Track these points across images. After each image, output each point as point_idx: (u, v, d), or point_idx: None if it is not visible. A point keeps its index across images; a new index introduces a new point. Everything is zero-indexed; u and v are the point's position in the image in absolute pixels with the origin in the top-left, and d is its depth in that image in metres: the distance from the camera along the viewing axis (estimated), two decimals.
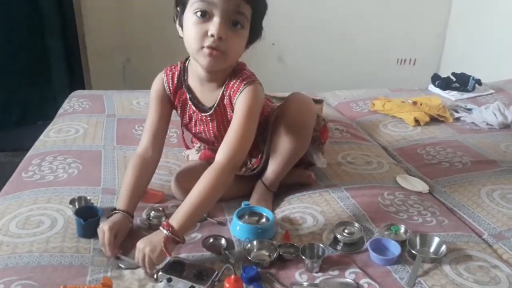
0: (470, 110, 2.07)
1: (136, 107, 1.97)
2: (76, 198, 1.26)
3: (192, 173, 1.30)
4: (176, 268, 1.01)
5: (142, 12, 3.08)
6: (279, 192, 1.37)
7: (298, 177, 1.42)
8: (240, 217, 1.20)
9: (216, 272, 1.01)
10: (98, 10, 3.00)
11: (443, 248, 1.09)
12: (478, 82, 2.33)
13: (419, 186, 1.43)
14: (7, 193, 1.32)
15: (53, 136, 1.68)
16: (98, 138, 1.67)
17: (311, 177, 1.43)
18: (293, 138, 1.27)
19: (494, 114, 1.95)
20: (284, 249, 1.11)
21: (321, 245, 1.09)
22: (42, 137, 1.69)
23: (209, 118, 1.25)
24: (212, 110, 1.23)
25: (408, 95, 2.24)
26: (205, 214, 1.22)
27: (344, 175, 1.48)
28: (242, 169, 1.35)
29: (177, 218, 1.05)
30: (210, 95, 1.23)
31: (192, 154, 1.48)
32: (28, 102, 2.90)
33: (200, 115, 1.26)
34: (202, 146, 1.44)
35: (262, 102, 1.23)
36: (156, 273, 1.00)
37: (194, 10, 1.09)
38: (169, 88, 1.26)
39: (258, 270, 1.03)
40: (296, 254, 1.08)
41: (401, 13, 3.36)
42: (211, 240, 1.15)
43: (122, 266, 1.05)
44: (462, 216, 1.31)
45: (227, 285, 0.94)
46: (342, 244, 1.13)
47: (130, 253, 1.08)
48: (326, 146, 1.51)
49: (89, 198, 1.27)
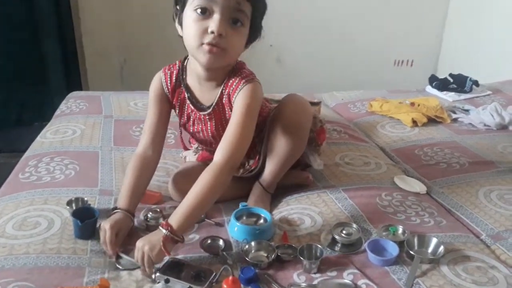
0: (467, 111, 2.08)
1: (133, 108, 1.97)
2: (73, 199, 1.25)
3: (189, 174, 1.29)
4: (174, 269, 1.01)
5: (139, 13, 3.07)
6: (277, 193, 1.37)
7: (295, 178, 1.41)
8: (238, 218, 1.20)
9: (214, 273, 1.01)
10: (95, 11, 3.00)
11: (441, 249, 1.09)
12: (475, 83, 2.34)
13: (417, 187, 1.43)
14: (4, 194, 1.32)
15: (50, 137, 1.68)
16: (95, 139, 1.66)
17: (309, 178, 1.42)
18: (289, 139, 1.27)
19: (492, 115, 1.95)
20: (282, 250, 1.10)
21: (319, 246, 1.09)
22: (39, 138, 1.69)
23: (207, 117, 1.24)
24: (210, 109, 1.23)
25: (405, 96, 2.24)
26: (203, 215, 1.22)
27: (342, 176, 1.48)
28: (240, 170, 1.35)
29: (176, 217, 1.05)
30: (208, 94, 1.23)
31: (189, 156, 1.48)
32: (25, 103, 2.89)
33: (198, 114, 1.25)
34: (200, 148, 1.44)
35: (261, 100, 1.22)
36: (154, 273, 1.00)
37: (194, 7, 1.09)
38: (167, 87, 1.26)
39: (256, 271, 1.03)
40: (294, 255, 1.08)
41: (398, 14, 3.37)
42: (209, 241, 1.15)
43: (120, 267, 1.05)
44: (460, 217, 1.31)
45: (225, 286, 0.94)
46: (340, 245, 1.13)
47: (130, 253, 1.08)
48: (324, 147, 1.51)
49: (86, 199, 1.26)
